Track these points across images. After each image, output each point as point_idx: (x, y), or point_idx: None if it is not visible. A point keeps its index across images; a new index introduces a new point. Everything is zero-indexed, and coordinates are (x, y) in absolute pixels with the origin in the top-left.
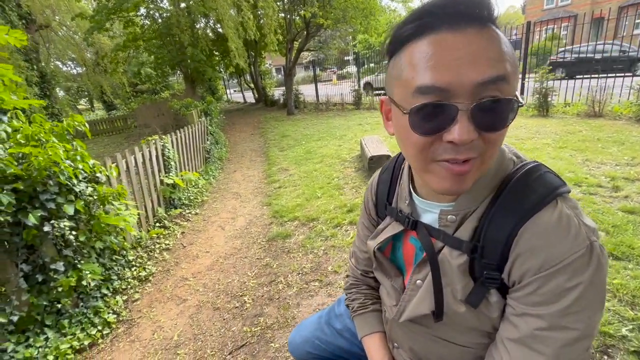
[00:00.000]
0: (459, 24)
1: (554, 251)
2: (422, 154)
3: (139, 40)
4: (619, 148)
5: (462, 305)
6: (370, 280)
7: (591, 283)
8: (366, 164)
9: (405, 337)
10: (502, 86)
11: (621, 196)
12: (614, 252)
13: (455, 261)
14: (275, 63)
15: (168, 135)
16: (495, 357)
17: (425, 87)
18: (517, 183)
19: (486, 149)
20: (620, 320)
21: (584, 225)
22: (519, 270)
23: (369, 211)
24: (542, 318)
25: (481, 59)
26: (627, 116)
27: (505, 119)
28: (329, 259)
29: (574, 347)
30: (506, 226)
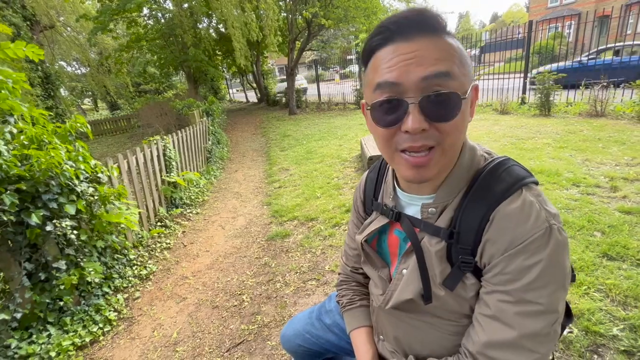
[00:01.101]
0: (412, 34)
1: (516, 233)
2: (387, 144)
3: (142, 41)
4: (620, 148)
5: (441, 289)
6: (359, 276)
7: (550, 261)
8: (366, 164)
9: (391, 325)
10: (446, 81)
11: (619, 196)
12: (609, 252)
13: (434, 248)
14: (278, 63)
15: (169, 136)
16: (471, 333)
17: (381, 83)
18: (486, 175)
19: (442, 138)
20: (612, 320)
21: (544, 210)
22: (488, 253)
23: (358, 209)
24: (509, 294)
25: (426, 59)
26: (629, 115)
27: (452, 110)
28: (326, 259)
29: (538, 320)
30: (478, 214)
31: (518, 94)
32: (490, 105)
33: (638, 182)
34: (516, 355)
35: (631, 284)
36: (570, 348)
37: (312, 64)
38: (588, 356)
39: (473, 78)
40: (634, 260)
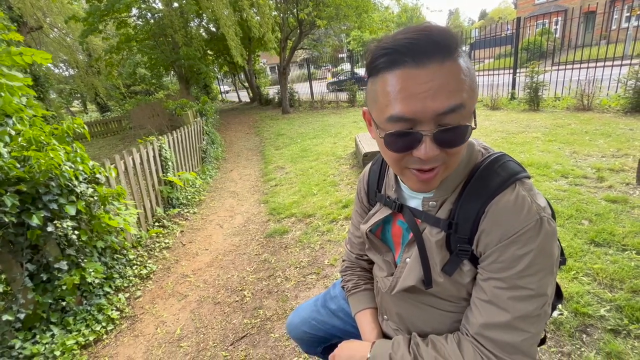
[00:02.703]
0: (422, 60)
1: (509, 225)
2: (397, 163)
3: (132, 41)
4: (606, 140)
5: (441, 276)
6: (363, 262)
7: (540, 250)
8: (360, 160)
9: (395, 306)
10: (460, 112)
11: (605, 186)
12: (596, 239)
13: (434, 238)
14: (270, 62)
15: (165, 136)
16: (469, 316)
17: (396, 117)
18: (483, 170)
19: (448, 158)
20: (599, 302)
21: (535, 203)
22: (483, 242)
23: (362, 199)
24: (503, 281)
25: (441, 92)
26: (615, 109)
27: (462, 139)
28: (325, 253)
29: (530, 303)
30: (475, 206)
31: (508, 90)
32: (481, 101)
33: (623, 172)
34: (510, 335)
35: (617, 267)
36: (560, 329)
37: (303, 62)
38: (577, 336)
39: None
40: (619, 245)
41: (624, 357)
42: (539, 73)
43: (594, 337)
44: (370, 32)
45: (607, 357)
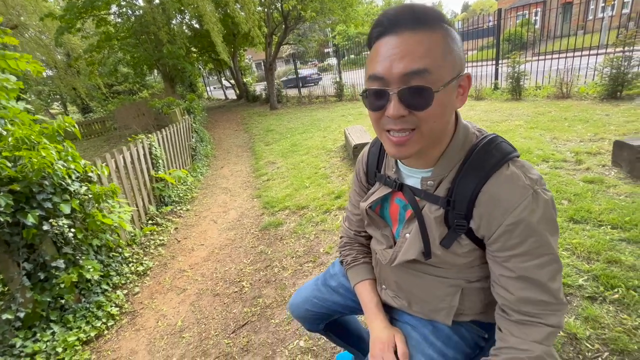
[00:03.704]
0: (398, 28)
1: (507, 202)
2: (376, 124)
3: (113, 40)
4: (584, 126)
5: (439, 249)
6: (361, 238)
7: (544, 218)
8: (351, 153)
9: (393, 275)
10: (423, 77)
11: (583, 168)
12: (574, 216)
13: (433, 214)
14: (255, 58)
15: (154, 134)
16: (504, 295)
17: (371, 76)
18: (479, 151)
19: (420, 123)
20: (577, 273)
21: (528, 178)
22: (485, 223)
23: (361, 179)
24: (525, 254)
25: (408, 56)
26: (592, 96)
27: (425, 101)
28: (320, 242)
29: (553, 265)
30: (471, 184)
31: (491, 80)
32: None
33: (600, 155)
34: (547, 295)
35: (593, 241)
36: None
37: (289, 58)
38: None
39: (462, 69)
40: (595, 222)
41: (600, 320)
42: (520, 63)
43: (573, 305)
44: (355, 26)
45: (585, 321)
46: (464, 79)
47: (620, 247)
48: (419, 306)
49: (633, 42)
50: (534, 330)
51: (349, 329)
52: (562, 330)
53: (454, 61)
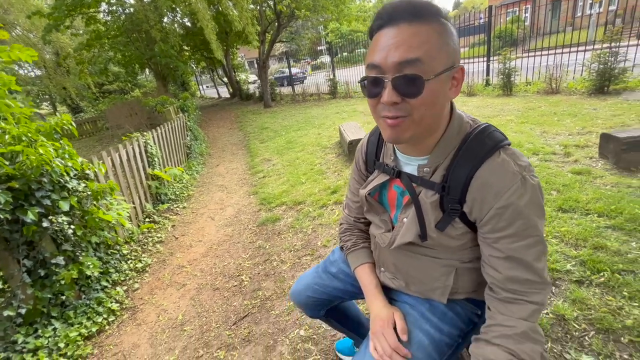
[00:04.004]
0: (395, 20)
1: (498, 187)
2: (374, 110)
3: (104, 38)
4: (572, 120)
5: (434, 232)
6: (360, 225)
7: (531, 203)
8: (346, 149)
9: (392, 257)
10: (415, 66)
11: (571, 161)
12: (563, 206)
13: (429, 199)
14: (248, 56)
15: (149, 132)
16: (492, 274)
17: (369, 64)
18: (472, 139)
19: (412, 111)
20: (566, 259)
21: (517, 165)
22: (477, 207)
23: (360, 167)
24: (513, 236)
25: (403, 46)
26: (580, 91)
27: (417, 89)
28: (317, 236)
29: (538, 246)
30: (465, 170)
31: (483, 77)
32: None
33: (587, 147)
34: (532, 274)
35: (581, 229)
36: None
37: (282, 56)
38: None
39: (456, 60)
40: (583, 210)
41: (587, 302)
42: (511, 60)
43: (561, 288)
44: (348, 22)
45: (573, 303)
46: (457, 71)
47: (606, 234)
48: (415, 286)
49: (619, 38)
50: (519, 308)
51: (349, 314)
52: (545, 308)
53: (448, 53)
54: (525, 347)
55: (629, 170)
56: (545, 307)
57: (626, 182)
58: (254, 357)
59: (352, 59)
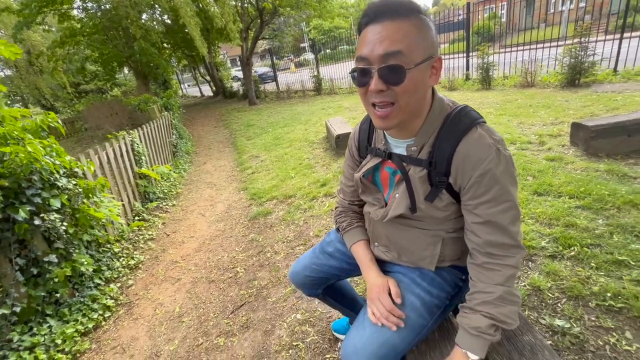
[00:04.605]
0: (382, 19)
1: (476, 158)
2: (364, 98)
3: (79, 36)
4: (546, 111)
5: (423, 203)
6: (355, 207)
7: (505, 171)
8: (333, 143)
9: (384, 230)
10: (400, 57)
11: (545, 149)
12: (538, 190)
13: (418, 175)
14: (230, 54)
15: (135, 130)
16: (473, 239)
17: (358, 57)
18: (452, 118)
19: (397, 97)
20: (540, 237)
21: (492, 139)
22: (460, 178)
23: (353, 154)
24: (490, 201)
25: (386, 40)
26: (553, 84)
27: (400, 78)
28: (309, 227)
29: (513, 210)
30: (448, 146)
31: (463, 72)
32: (440, 83)
33: (560, 136)
34: (508, 237)
35: (554, 210)
36: None
37: (265, 53)
38: (525, 264)
39: (434, 52)
40: (556, 193)
41: (559, 274)
42: (489, 55)
43: (537, 263)
44: (332, 19)
45: (547, 276)
46: (436, 61)
47: (576, 213)
48: (407, 256)
49: (589, 33)
50: (496, 274)
51: (344, 292)
52: (520, 271)
53: (426, 46)
54: (503, 310)
55: (597, 156)
56: (519, 270)
57: (594, 167)
58: (253, 342)
59: (335, 56)
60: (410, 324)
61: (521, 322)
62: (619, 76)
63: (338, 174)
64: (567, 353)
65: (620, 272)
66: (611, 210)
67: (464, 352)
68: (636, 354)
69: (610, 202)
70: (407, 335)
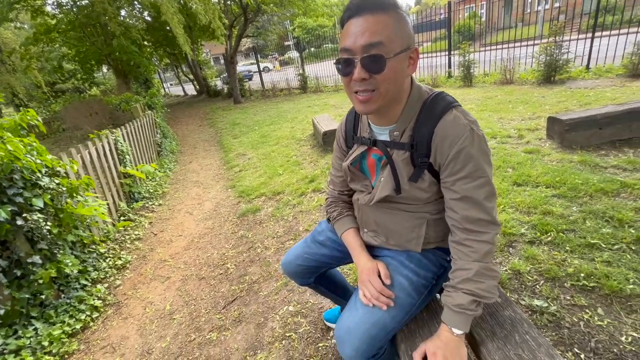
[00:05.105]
0: (364, 12)
1: (452, 137)
2: (347, 87)
3: (53, 33)
4: (524, 107)
5: (407, 184)
6: (344, 197)
7: (479, 149)
8: (320, 140)
9: (373, 215)
10: (379, 47)
11: (524, 142)
12: (517, 181)
13: (401, 157)
14: (214, 52)
15: (119, 129)
16: (452, 215)
17: (341, 48)
18: (430, 103)
19: (378, 85)
20: (520, 224)
21: (466, 119)
22: (439, 156)
23: (341, 145)
24: (465, 177)
25: (368, 32)
26: (531, 81)
27: (381, 66)
28: (299, 222)
29: (487, 186)
30: (427, 128)
31: (445, 69)
32: (423, 80)
33: (537, 130)
34: (483, 212)
35: (532, 199)
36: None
37: (248, 51)
38: (506, 250)
39: (411, 43)
40: (534, 183)
41: (537, 258)
42: (470, 53)
43: (517, 249)
44: (316, 17)
45: (526, 260)
46: (413, 52)
47: (552, 202)
48: (394, 239)
49: (563, 32)
50: (473, 250)
51: (336, 280)
52: (495, 248)
53: (403, 37)
54: (482, 286)
55: (571, 148)
56: (495, 246)
57: (568, 158)
58: (246, 335)
59: (320, 55)
60: (400, 303)
61: (502, 299)
62: (591, 73)
63: (326, 170)
64: (545, 330)
65: (592, 254)
66: (584, 198)
67: (449, 329)
68: (607, 328)
69: (583, 191)
70: (397, 314)
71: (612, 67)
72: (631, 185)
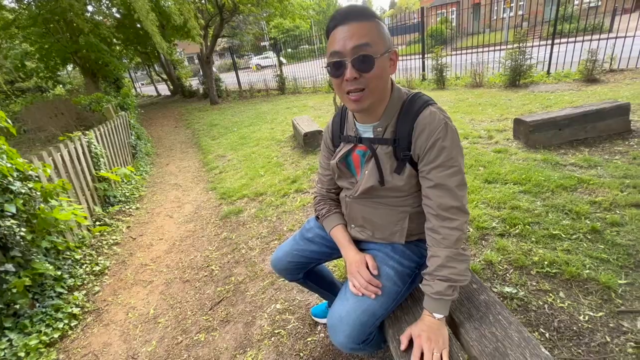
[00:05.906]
0: (347, 19)
1: (429, 129)
2: (338, 88)
3: (12, 28)
4: (493, 109)
5: (390, 176)
6: (332, 194)
7: (452, 141)
8: (301, 141)
9: (359, 209)
10: (367, 48)
11: (493, 142)
12: (488, 178)
13: (384, 151)
14: (188, 51)
15: (92, 131)
16: (428, 203)
17: (331, 52)
18: (409, 102)
19: (368, 83)
20: (491, 218)
21: (441, 115)
22: (418, 148)
23: (328, 145)
24: (439, 166)
25: (355, 36)
26: (498, 85)
27: (370, 65)
28: (282, 222)
29: (459, 175)
30: (407, 124)
31: (419, 72)
32: (399, 82)
33: (505, 131)
34: (455, 200)
35: (501, 195)
36: (468, 241)
37: (223, 52)
38: (479, 242)
39: (391, 46)
40: (503, 181)
41: (507, 249)
42: (442, 57)
43: (489, 241)
44: (292, 19)
45: (498, 251)
46: (392, 54)
47: (519, 197)
48: (380, 233)
49: (526, 39)
50: (444, 239)
51: (324, 275)
52: (466, 235)
53: (385, 40)
54: (454, 270)
55: (535, 147)
56: (465, 234)
57: (533, 157)
58: (235, 334)
59: (297, 56)
60: (387, 292)
61: (477, 285)
62: (552, 77)
63: (308, 171)
64: (515, 313)
65: (554, 244)
66: (547, 193)
67: (431, 314)
68: (568, 309)
69: (546, 187)
70: (384, 301)
71: (570, 73)
72: (587, 181)
